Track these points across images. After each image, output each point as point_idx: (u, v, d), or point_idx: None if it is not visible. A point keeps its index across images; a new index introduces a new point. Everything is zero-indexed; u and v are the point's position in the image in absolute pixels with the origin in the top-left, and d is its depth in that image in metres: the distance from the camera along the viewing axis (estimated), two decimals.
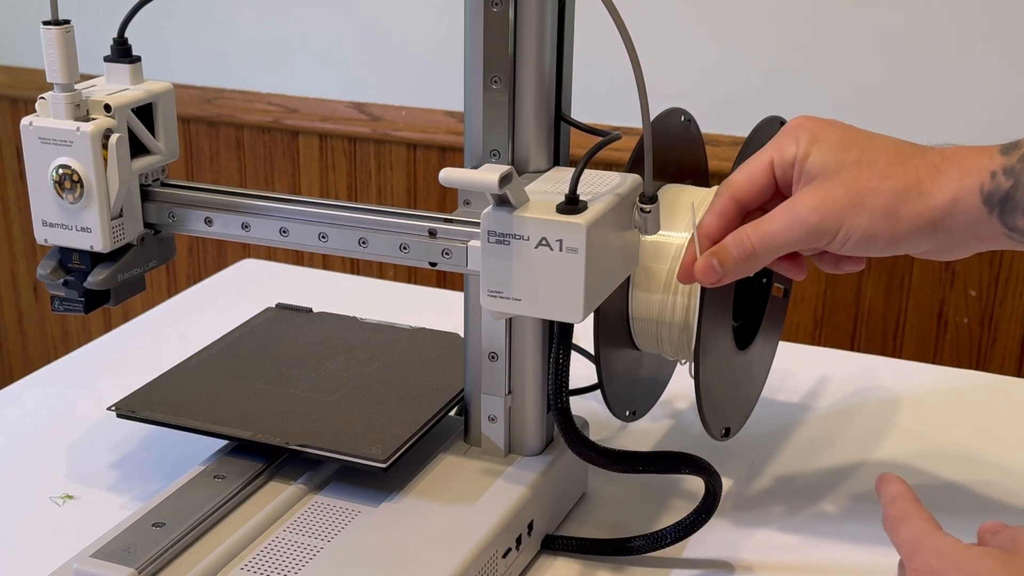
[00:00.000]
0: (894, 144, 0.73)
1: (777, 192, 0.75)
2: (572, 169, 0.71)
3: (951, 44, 1.55)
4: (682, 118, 0.86)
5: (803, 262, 0.77)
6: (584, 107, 0.90)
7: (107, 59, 0.82)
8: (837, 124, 0.74)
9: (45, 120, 0.78)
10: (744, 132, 0.85)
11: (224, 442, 0.82)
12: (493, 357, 0.81)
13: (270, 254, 1.89)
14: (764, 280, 0.91)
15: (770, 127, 0.84)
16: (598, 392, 1.01)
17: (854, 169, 0.71)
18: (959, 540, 0.62)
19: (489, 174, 0.67)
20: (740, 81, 1.63)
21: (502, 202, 0.70)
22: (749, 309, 0.91)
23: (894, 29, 1.57)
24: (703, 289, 0.78)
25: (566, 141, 0.80)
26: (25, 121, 0.79)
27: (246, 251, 1.88)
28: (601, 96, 1.59)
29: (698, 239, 0.74)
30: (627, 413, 0.87)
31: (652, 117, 0.72)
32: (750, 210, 0.75)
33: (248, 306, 1.04)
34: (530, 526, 0.80)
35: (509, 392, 0.82)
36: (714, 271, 0.73)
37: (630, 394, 0.88)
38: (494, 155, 0.77)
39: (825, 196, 0.71)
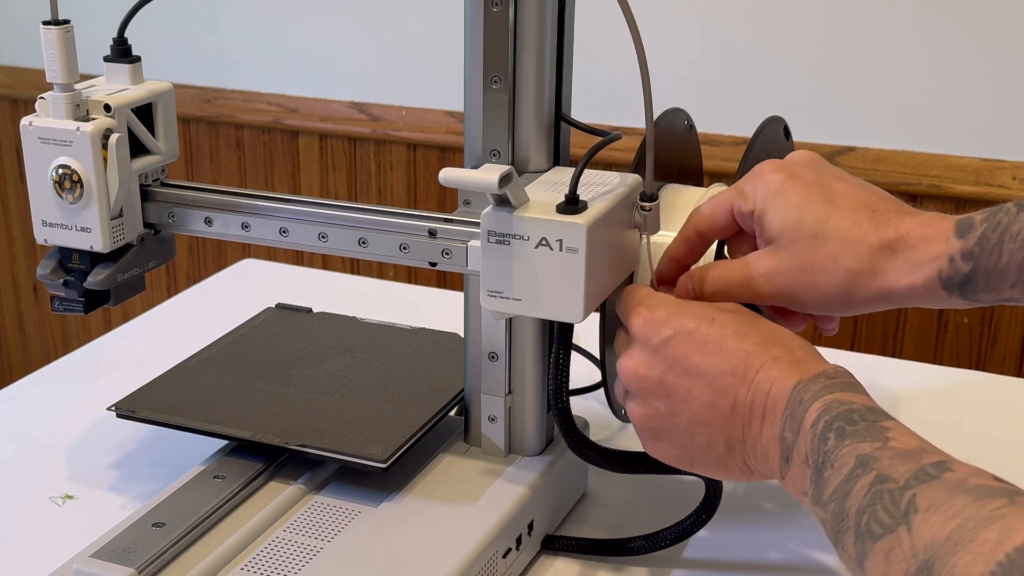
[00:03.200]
0: (850, 211, 0.71)
1: (738, 228, 0.75)
2: (572, 169, 0.71)
3: (951, 43, 1.55)
4: (684, 122, 0.86)
5: (797, 316, 0.78)
6: (584, 107, 0.90)
7: (107, 59, 0.82)
8: (798, 177, 0.73)
9: (45, 120, 0.78)
10: (744, 132, 0.85)
11: (224, 442, 0.82)
12: (493, 357, 0.81)
13: (270, 254, 1.89)
14: None
15: (775, 127, 0.84)
16: (598, 392, 1.01)
17: (808, 244, 0.71)
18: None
19: (489, 174, 0.67)
20: (740, 81, 1.63)
21: (502, 202, 0.70)
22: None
23: (896, 29, 1.57)
24: None
25: (566, 141, 0.80)
26: (25, 121, 0.79)
27: (246, 251, 1.88)
28: (601, 96, 1.59)
29: (661, 261, 0.76)
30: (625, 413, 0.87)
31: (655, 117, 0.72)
32: (714, 242, 0.76)
33: (248, 306, 1.04)
34: (530, 526, 0.80)
35: (509, 392, 0.82)
36: (689, 294, 0.75)
37: None
38: (494, 155, 0.77)
39: (779, 268, 0.71)
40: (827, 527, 0.60)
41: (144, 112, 0.81)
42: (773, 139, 0.84)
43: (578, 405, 0.98)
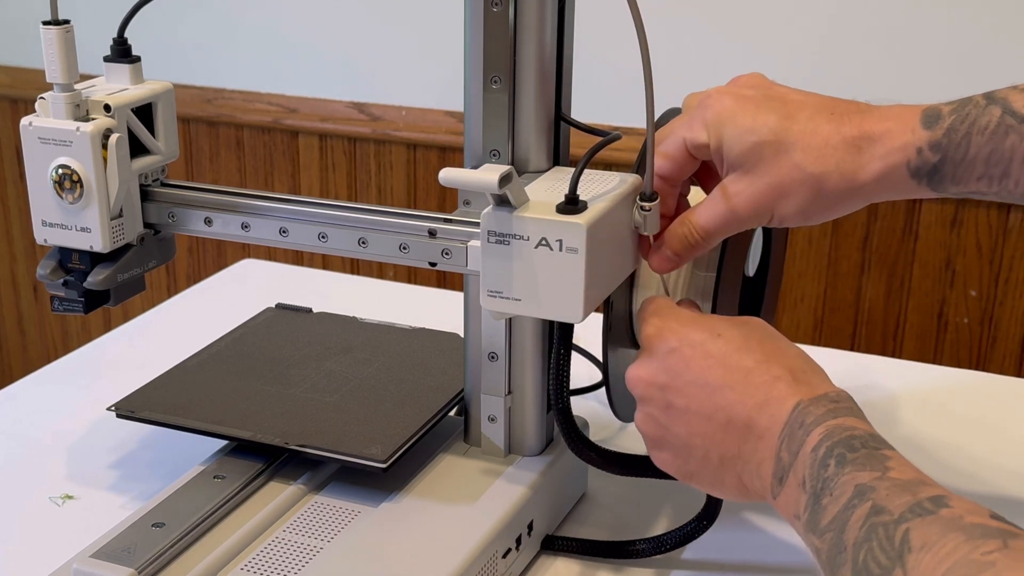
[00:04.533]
0: (808, 118, 0.71)
1: (699, 162, 0.75)
2: (572, 169, 0.71)
3: (952, 44, 1.55)
4: None
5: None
6: (584, 107, 0.90)
7: (107, 59, 0.82)
8: (748, 99, 0.73)
9: (45, 120, 0.78)
10: None
11: (224, 442, 0.82)
12: (493, 357, 0.81)
13: (270, 254, 1.89)
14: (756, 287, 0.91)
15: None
16: (598, 392, 1.01)
17: (772, 160, 0.71)
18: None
19: (489, 174, 0.67)
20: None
21: (502, 202, 0.70)
22: (751, 310, 0.91)
23: (896, 29, 1.57)
24: (715, 292, 0.79)
25: (566, 141, 0.80)
26: (25, 121, 0.79)
27: (246, 251, 1.88)
28: (601, 96, 1.60)
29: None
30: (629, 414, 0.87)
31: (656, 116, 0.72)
32: (682, 181, 0.76)
33: (248, 306, 1.04)
34: (530, 526, 0.80)
35: (509, 392, 0.82)
36: (668, 260, 0.75)
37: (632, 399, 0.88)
38: (494, 155, 0.77)
39: (752, 190, 0.72)
40: (821, 557, 0.59)
41: (144, 112, 0.81)
42: None
43: (578, 405, 0.98)
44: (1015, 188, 0.70)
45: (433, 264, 0.76)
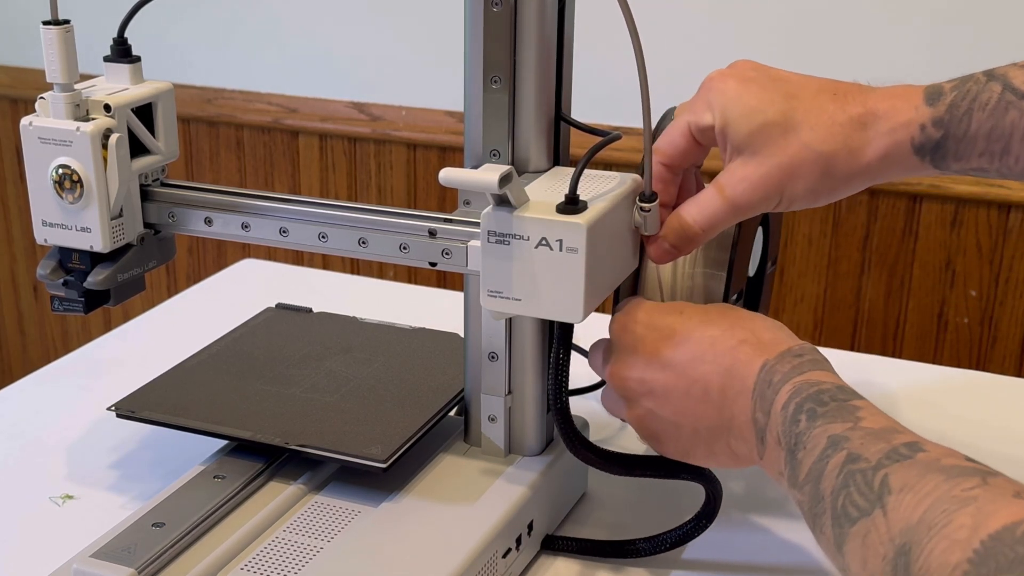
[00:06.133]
0: (812, 98, 0.72)
1: (704, 149, 0.75)
2: (572, 169, 0.71)
3: (952, 45, 1.55)
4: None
5: None
6: (584, 107, 0.90)
7: (107, 59, 0.82)
8: (752, 80, 0.73)
9: (45, 120, 0.78)
10: None
11: (224, 442, 0.82)
12: (493, 357, 0.81)
13: (270, 254, 1.89)
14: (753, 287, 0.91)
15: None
16: (598, 392, 1.01)
17: (780, 140, 0.71)
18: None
19: (489, 174, 0.67)
20: None
21: (502, 202, 0.70)
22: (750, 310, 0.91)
23: (897, 29, 1.57)
24: (726, 290, 0.79)
25: (566, 141, 0.80)
26: (25, 121, 0.79)
27: (246, 251, 1.88)
28: (601, 96, 1.60)
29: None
30: None
31: (653, 117, 0.72)
32: (684, 168, 0.76)
33: (248, 306, 1.04)
34: (530, 526, 0.80)
35: (509, 392, 0.82)
36: (666, 251, 0.75)
37: None
38: (494, 155, 0.77)
39: (759, 173, 0.71)
40: (804, 509, 0.60)
41: (144, 112, 0.81)
42: None
43: (578, 405, 0.98)
44: (1015, 164, 0.70)
45: (433, 264, 0.76)
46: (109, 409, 0.84)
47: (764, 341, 0.68)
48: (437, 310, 1.14)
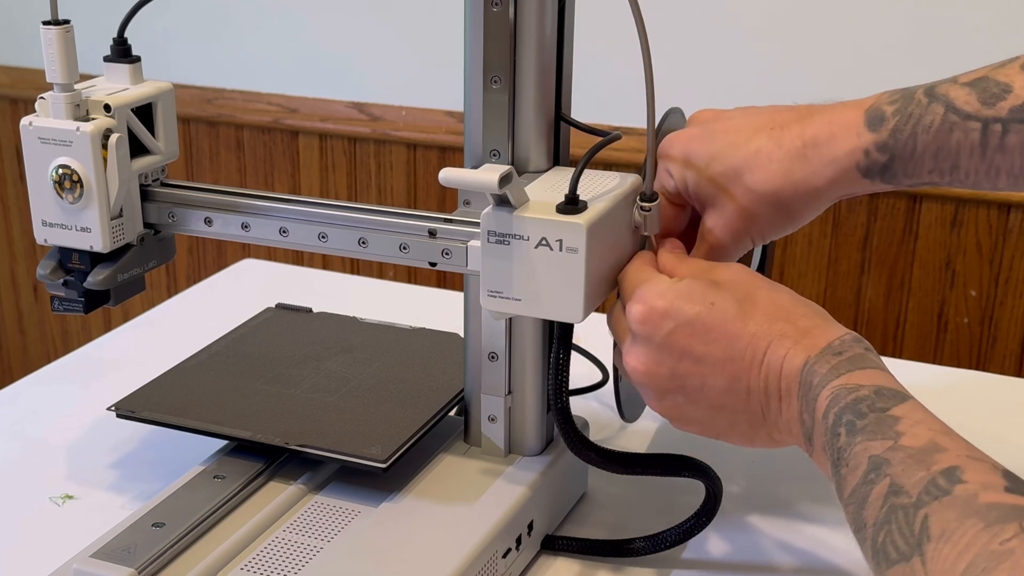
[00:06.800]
0: (747, 141, 0.74)
1: (687, 209, 0.78)
2: (572, 169, 0.71)
3: (952, 45, 1.55)
4: (684, 122, 0.86)
5: None
6: (584, 107, 0.90)
7: (107, 59, 0.82)
8: (695, 137, 0.76)
9: (45, 120, 0.78)
10: None
11: (224, 442, 0.82)
12: (493, 357, 0.81)
13: (270, 254, 1.89)
14: None
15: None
16: (598, 392, 1.01)
17: (729, 189, 0.74)
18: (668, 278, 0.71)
19: (489, 174, 0.67)
20: (741, 80, 1.63)
21: (502, 202, 0.70)
22: None
23: (898, 31, 1.57)
24: None
25: (566, 141, 0.80)
26: (25, 121, 0.79)
27: (246, 251, 1.88)
28: (601, 96, 1.60)
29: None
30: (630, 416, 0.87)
31: (657, 116, 0.72)
32: (682, 229, 0.79)
33: (248, 306, 1.04)
34: (530, 526, 0.80)
35: (509, 392, 0.82)
36: None
37: (641, 399, 0.88)
38: (494, 155, 0.77)
39: (722, 223, 0.75)
40: (849, 522, 0.60)
41: (144, 112, 0.81)
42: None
43: (578, 405, 0.98)
44: (966, 179, 0.72)
45: (433, 264, 0.76)
46: (109, 409, 0.84)
47: (804, 331, 0.66)
48: (437, 310, 1.14)
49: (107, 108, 0.78)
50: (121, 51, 0.82)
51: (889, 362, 1.14)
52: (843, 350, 0.64)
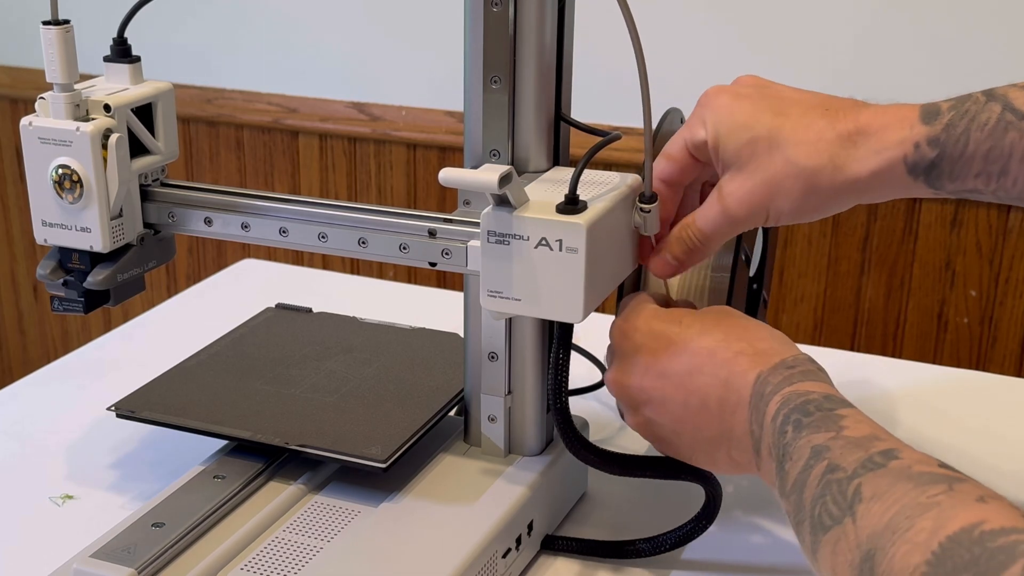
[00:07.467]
0: (801, 114, 0.72)
1: (702, 165, 0.75)
2: (572, 169, 0.71)
3: (954, 46, 1.55)
4: (680, 120, 0.86)
5: None
6: (584, 107, 0.90)
7: (107, 59, 0.82)
8: (745, 96, 0.73)
9: (45, 120, 0.78)
10: None
11: (224, 442, 0.82)
12: (493, 357, 0.81)
13: (270, 254, 1.89)
14: (755, 286, 0.91)
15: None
16: (598, 392, 1.01)
17: (766, 156, 0.71)
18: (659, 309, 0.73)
19: (489, 174, 0.67)
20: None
21: (502, 202, 0.70)
22: (750, 308, 0.91)
23: (899, 30, 1.57)
24: (729, 291, 0.79)
25: (566, 141, 0.80)
26: (25, 121, 0.79)
27: (246, 251, 1.88)
28: (601, 96, 1.59)
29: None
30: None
31: (654, 117, 0.72)
32: (684, 185, 0.77)
33: (248, 306, 1.04)
34: (530, 526, 0.80)
35: (509, 392, 0.82)
36: (668, 264, 0.76)
37: None
38: (494, 155, 0.77)
39: (746, 188, 0.72)
40: (791, 519, 0.61)
41: (144, 112, 0.81)
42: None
43: (578, 405, 0.98)
44: (1012, 187, 0.70)
45: (433, 264, 0.76)
46: (109, 409, 0.84)
47: (760, 351, 0.68)
48: (437, 310, 1.14)
49: (107, 108, 0.78)
50: (121, 51, 0.82)
51: (889, 362, 1.15)
52: (795, 365, 0.66)
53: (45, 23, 0.76)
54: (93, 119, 0.78)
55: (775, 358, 0.67)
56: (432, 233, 0.76)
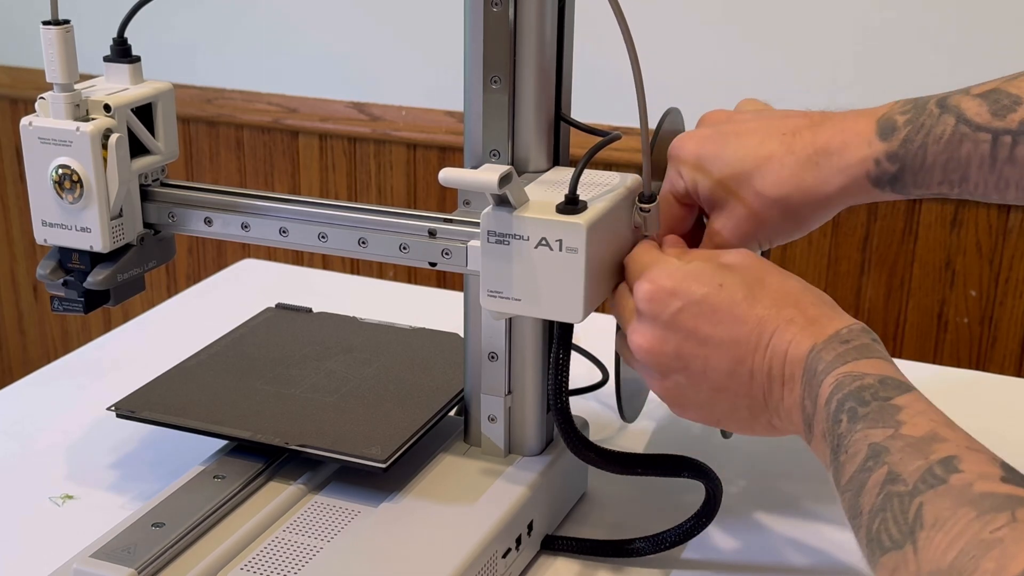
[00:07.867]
0: (759, 145, 0.74)
1: (695, 207, 0.78)
2: (572, 169, 0.71)
3: (958, 46, 1.55)
4: (680, 119, 0.86)
5: None
6: (584, 107, 0.90)
7: (107, 59, 0.82)
8: (707, 138, 0.76)
9: (45, 120, 0.78)
10: None
11: (224, 442, 0.82)
12: (493, 357, 0.81)
13: (270, 254, 1.89)
14: None
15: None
16: (598, 392, 1.01)
17: (738, 192, 0.74)
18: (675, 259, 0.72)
19: (489, 174, 0.67)
20: (741, 80, 1.63)
21: (502, 202, 0.70)
22: None
23: (899, 31, 1.57)
24: None
25: (566, 141, 0.80)
26: (25, 121, 0.79)
27: (246, 251, 1.88)
28: (601, 96, 1.59)
29: None
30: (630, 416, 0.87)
31: (652, 117, 0.72)
32: (688, 228, 0.79)
33: (248, 306, 1.04)
34: (530, 526, 0.80)
35: (509, 392, 0.82)
36: None
37: (641, 399, 0.88)
38: (494, 155, 0.77)
39: (730, 226, 0.75)
40: (844, 510, 0.60)
41: (144, 112, 0.81)
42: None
43: (578, 405, 0.98)
44: (975, 190, 0.72)
45: (433, 264, 0.76)
46: (109, 409, 0.84)
47: (812, 319, 0.66)
48: (437, 310, 1.14)
49: (107, 108, 0.78)
50: (121, 51, 0.82)
51: None
52: (850, 339, 0.64)
53: (45, 23, 0.76)
54: (93, 119, 0.78)
55: (828, 329, 0.65)
56: (432, 233, 0.76)
